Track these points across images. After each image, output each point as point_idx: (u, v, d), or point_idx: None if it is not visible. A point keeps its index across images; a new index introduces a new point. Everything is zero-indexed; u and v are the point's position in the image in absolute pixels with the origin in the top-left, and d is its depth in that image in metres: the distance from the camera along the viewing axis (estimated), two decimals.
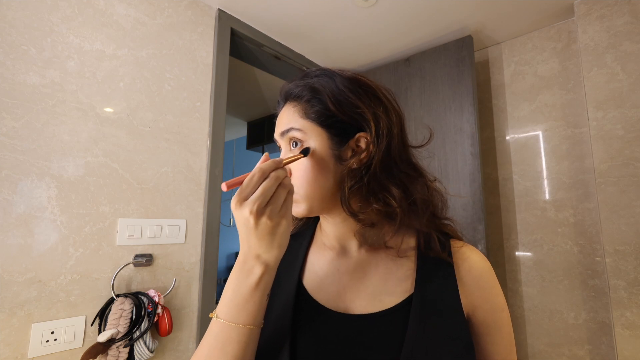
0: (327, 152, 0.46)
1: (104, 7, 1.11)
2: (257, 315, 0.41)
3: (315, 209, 0.48)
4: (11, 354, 0.86)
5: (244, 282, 0.40)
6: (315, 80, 0.49)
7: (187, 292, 1.22)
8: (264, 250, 0.39)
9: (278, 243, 0.40)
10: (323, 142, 0.47)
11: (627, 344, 1.15)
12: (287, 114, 0.49)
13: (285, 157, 0.44)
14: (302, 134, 0.47)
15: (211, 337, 0.40)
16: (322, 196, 0.47)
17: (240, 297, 0.40)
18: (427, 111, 1.64)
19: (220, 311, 0.40)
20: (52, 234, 0.95)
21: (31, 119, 0.94)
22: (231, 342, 0.39)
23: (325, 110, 0.46)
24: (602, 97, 1.27)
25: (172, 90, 1.25)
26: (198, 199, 1.29)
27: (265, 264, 0.40)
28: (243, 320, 0.40)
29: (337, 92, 0.47)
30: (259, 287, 0.40)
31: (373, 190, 0.46)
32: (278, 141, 0.51)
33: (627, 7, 1.25)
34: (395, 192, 0.46)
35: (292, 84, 0.50)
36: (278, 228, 0.39)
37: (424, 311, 0.44)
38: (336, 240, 0.53)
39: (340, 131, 0.47)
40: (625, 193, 1.19)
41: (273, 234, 0.39)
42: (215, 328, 0.40)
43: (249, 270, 0.40)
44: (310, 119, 0.47)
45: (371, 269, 0.49)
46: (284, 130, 0.48)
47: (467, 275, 0.48)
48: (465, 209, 1.47)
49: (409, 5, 1.40)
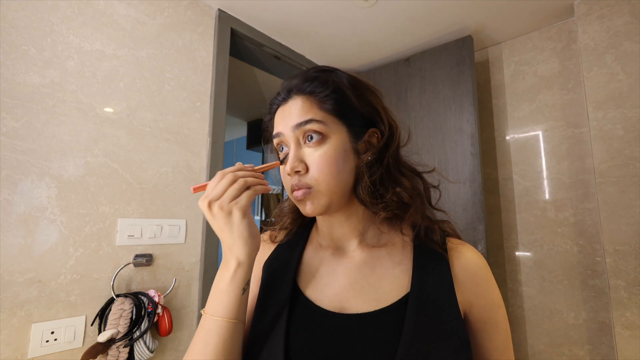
0: (348, 145, 0.47)
1: (104, 7, 1.11)
2: (234, 309, 0.43)
3: (334, 205, 0.47)
4: (11, 354, 0.86)
5: (223, 275, 0.43)
6: (327, 75, 0.49)
7: (187, 292, 1.23)
8: (230, 242, 0.42)
9: (238, 234, 0.42)
10: (344, 135, 0.47)
11: (627, 344, 1.15)
12: (302, 106, 0.47)
13: (294, 164, 0.46)
14: (323, 126, 0.46)
15: (198, 330, 0.44)
16: (343, 190, 0.47)
17: (219, 290, 0.43)
18: (427, 111, 1.64)
19: (206, 306, 0.44)
20: (52, 234, 0.95)
21: (31, 119, 0.94)
22: (212, 335, 0.42)
23: (345, 103, 0.47)
24: (602, 97, 1.27)
25: (172, 90, 1.25)
26: (198, 199, 1.29)
27: (236, 258, 0.43)
28: (221, 314, 0.42)
29: (352, 87, 0.48)
30: (234, 281, 0.43)
31: (386, 183, 0.47)
32: (285, 135, 0.48)
33: (627, 7, 1.25)
34: (407, 184, 0.48)
35: (298, 79, 0.49)
36: (231, 217, 0.42)
37: (421, 309, 0.44)
38: (333, 240, 0.53)
39: (357, 125, 0.49)
40: (625, 193, 1.19)
41: (229, 223, 0.42)
42: (202, 322, 0.44)
43: (227, 264, 0.43)
44: (329, 112, 0.47)
45: (367, 268, 0.49)
46: (300, 122, 0.46)
47: (462, 272, 0.47)
48: (465, 209, 1.47)
49: (409, 5, 1.40)
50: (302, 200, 0.47)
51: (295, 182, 0.47)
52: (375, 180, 0.47)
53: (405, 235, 0.51)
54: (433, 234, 0.50)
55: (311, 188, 0.46)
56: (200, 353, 0.42)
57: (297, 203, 0.48)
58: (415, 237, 0.50)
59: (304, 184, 0.46)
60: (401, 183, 0.48)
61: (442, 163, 1.57)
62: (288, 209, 0.59)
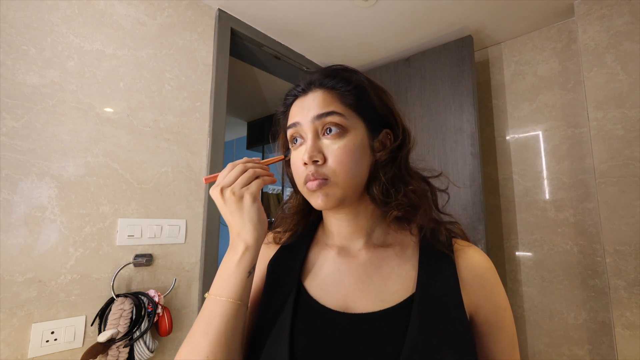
0: (366, 142, 0.48)
1: (104, 7, 1.11)
2: (239, 291, 0.44)
3: (347, 199, 0.47)
4: (11, 354, 0.86)
5: (230, 258, 0.45)
6: (349, 73, 0.51)
7: (187, 292, 1.23)
8: (240, 226, 0.45)
9: (248, 217, 0.45)
10: (363, 130, 0.49)
11: (627, 344, 1.15)
12: (322, 99, 0.48)
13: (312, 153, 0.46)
14: (344, 119, 0.47)
15: (201, 312, 0.45)
16: (357, 185, 0.48)
17: (225, 272, 0.45)
18: (427, 111, 1.64)
19: (211, 287, 0.46)
20: (52, 234, 0.95)
21: (31, 119, 0.94)
22: (215, 315, 0.43)
23: (366, 100, 0.49)
24: (602, 97, 1.27)
25: (172, 90, 1.25)
26: (198, 199, 1.29)
27: (245, 242, 0.45)
28: (226, 294, 0.44)
29: (373, 87, 0.51)
30: (241, 263, 0.45)
31: (399, 183, 0.48)
32: (303, 126, 0.48)
33: (627, 7, 1.25)
34: (417, 186, 0.49)
35: (320, 73, 0.51)
36: (243, 202, 0.45)
37: (426, 310, 0.44)
38: (339, 239, 0.53)
39: (374, 124, 0.50)
40: (625, 193, 1.19)
41: (240, 208, 0.45)
42: (205, 303, 0.45)
43: (234, 249, 0.45)
44: (350, 107, 0.48)
45: (373, 267, 0.49)
46: (322, 113, 0.46)
47: (469, 274, 0.47)
48: (465, 209, 1.47)
49: (409, 5, 1.40)
50: (315, 191, 0.46)
51: (311, 172, 0.46)
52: (389, 180, 0.48)
53: (413, 235, 0.51)
54: (440, 235, 0.50)
55: (327, 179, 0.45)
56: (202, 333, 0.43)
57: (309, 195, 0.48)
58: (421, 238, 0.50)
59: (321, 174, 0.46)
60: (411, 185, 0.49)
61: (442, 163, 1.56)
62: (291, 211, 0.58)
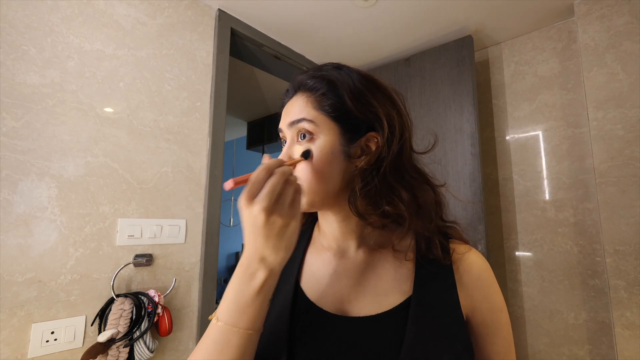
0: (337, 148, 0.46)
1: (104, 7, 1.11)
2: (257, 320, 0.39)
3: (316, 204, 0.47)
4: (11, 354, 0.86)
5: (247, 286, 0.38)
6: (332, 73, 0.48)
7: (187, 292, 1.22)
8: (270, 251, 0.37)
9: (285, 245, 0.38)
10: (334, 136, 0.46)
11: (627, 344, 1.15)
12: (299, 104, 0.47)
13: (285, 159, 0.43)
14: (313, 126, 0.45)
15: (209, 340, 0.39)
16: (326, 192, 0.46)
17: (242, 301, 0.38)
18: (427, 111, 1.64)
19: (221, 314, 0.39)
20: (52, 234, 0.95)
21: (31, 119, 0.94)
22: (230, 346, 0.38)
23: (341, 104, 0.46)
24: (602, 97, 1.27)
25: (172, 90, 1.25)
26: (198, 199, 1.29)
27: (269, 268, 0.38)
28: (244, 325, 0.38)
29: (354, 88, 0.46)
30: (262, 292, 0.38)
31: (382, 193, 0.45)
32: (284, 131, 0.48)
33: (627, 7, 1.25)
34: (405, 196, 0.45)
35: (305, 75, 0.49)
36: (287, 228, 0.38)
37: (423, 313, 0.43)
38: (334, 240, 0.52)
39: (352, 128, 0.47)
40: (625, 193, 1.19)
41: (281, 234, 0.37)
42: (215, 331, 0.39)
43: (252, 274, 0.38)
44: (324, 112, 0.46)
45: (369, 270, 0.49)
46: (294, 120, 0.46)
47: (465, 276, 0.47)
48: (465, 209, 1.47)
49: (409, 5, 1.40)
50: None
51: None
52: (370, 190, 0.44)
53: (408, 238, 0.50)
54: (437, 239, 0.49)
55: None
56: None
57: None
58: (418, 240, 0.50)
59: None
60: (399, 193, 0.45)
61: (442, 163, 1.56)
62: None
